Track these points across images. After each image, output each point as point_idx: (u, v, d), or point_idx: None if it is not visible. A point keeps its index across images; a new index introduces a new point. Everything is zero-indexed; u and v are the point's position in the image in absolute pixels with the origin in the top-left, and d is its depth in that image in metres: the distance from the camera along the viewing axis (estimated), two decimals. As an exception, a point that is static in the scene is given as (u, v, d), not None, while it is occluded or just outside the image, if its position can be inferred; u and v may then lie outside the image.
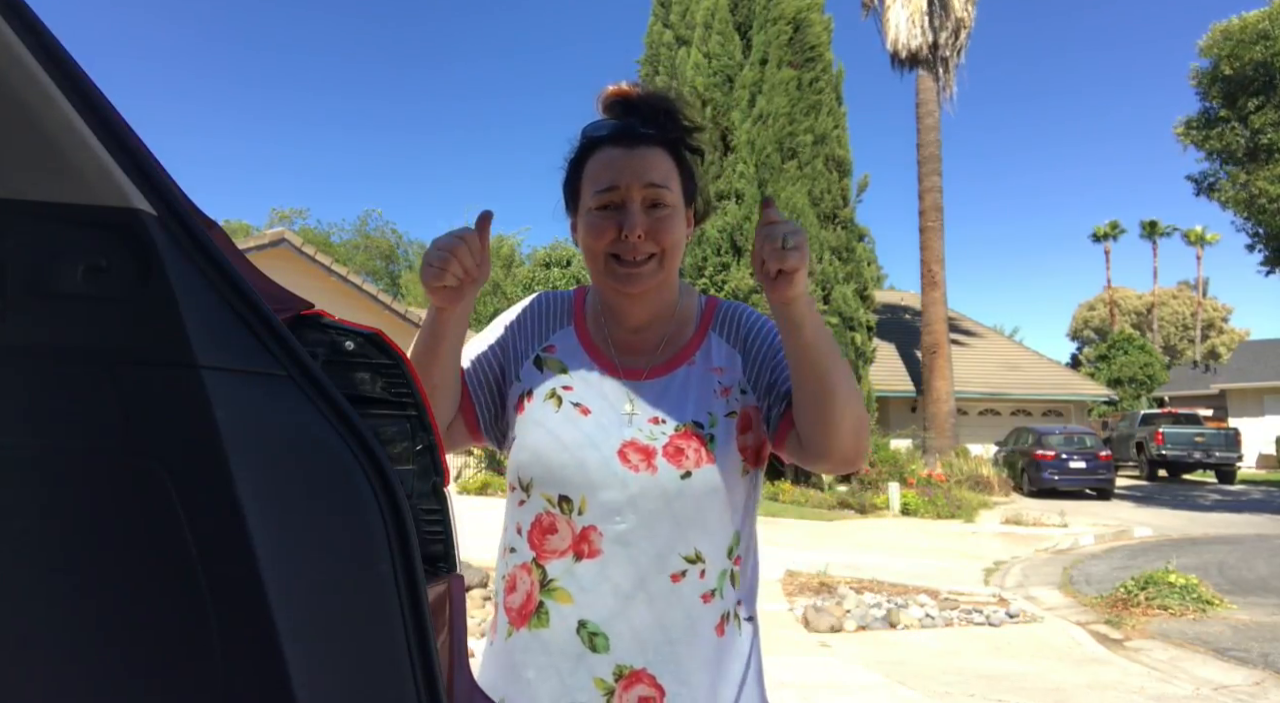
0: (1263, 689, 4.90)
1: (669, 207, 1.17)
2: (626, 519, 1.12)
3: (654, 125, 1.19)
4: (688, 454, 1.15)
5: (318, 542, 0.55)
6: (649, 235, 1.15)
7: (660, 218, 1.16)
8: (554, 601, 1.13)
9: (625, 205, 1.15)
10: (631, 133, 1.18)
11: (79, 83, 0.48)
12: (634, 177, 1.15)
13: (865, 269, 16.58)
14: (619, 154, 1.16)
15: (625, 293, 1.19)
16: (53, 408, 0.52)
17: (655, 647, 1.10)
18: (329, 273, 15.33)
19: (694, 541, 1.13)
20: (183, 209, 0.52)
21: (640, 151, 1.16)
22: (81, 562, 0.53)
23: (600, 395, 1.20)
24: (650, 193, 1.15)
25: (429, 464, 0.72)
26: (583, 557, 1.12)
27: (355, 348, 0.69)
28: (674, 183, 1.19)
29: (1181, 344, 49.31)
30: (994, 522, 13.00)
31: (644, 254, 1.16)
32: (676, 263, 1.21)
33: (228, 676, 0.51)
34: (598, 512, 1.13)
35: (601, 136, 1.19)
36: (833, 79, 16.25)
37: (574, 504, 1.14)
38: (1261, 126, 15.39)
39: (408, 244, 41.93)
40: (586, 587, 1.12)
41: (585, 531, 1.13)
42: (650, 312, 1.24)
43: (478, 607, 6.23)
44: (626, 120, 1.20)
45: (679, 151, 1.22)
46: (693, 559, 1.13)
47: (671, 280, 1.23)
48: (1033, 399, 25.02)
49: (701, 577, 1.13)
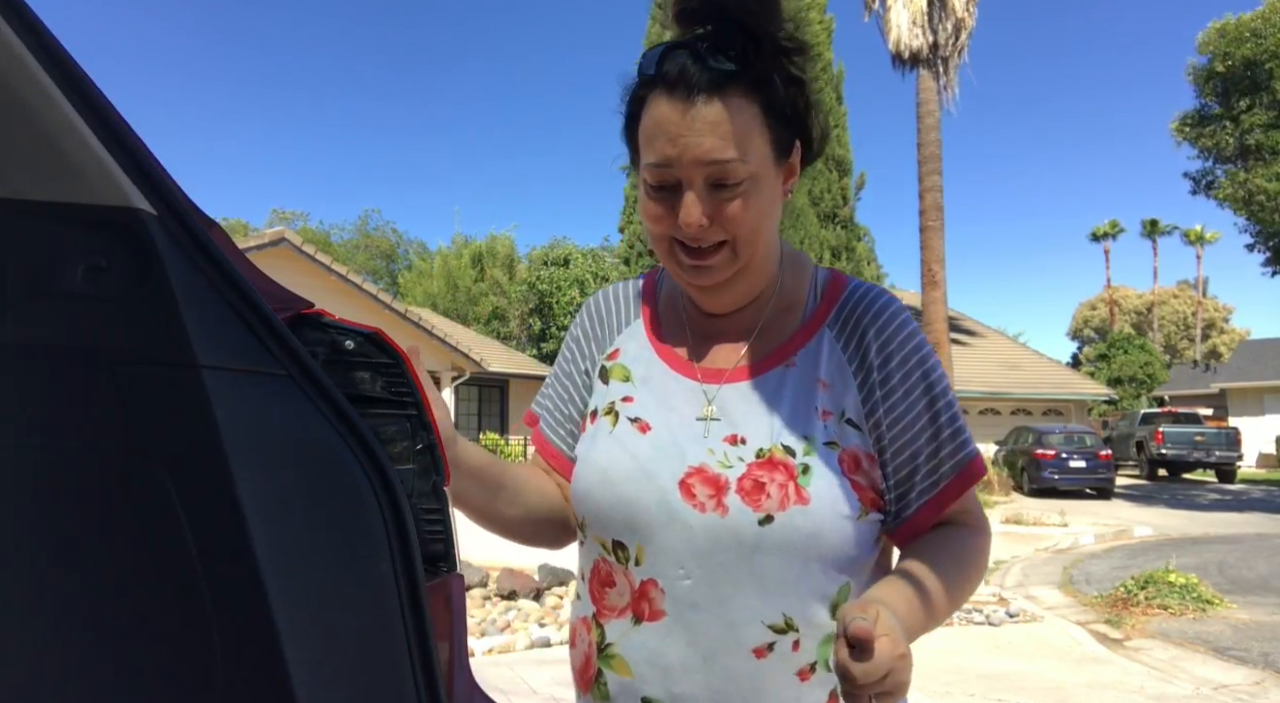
0: (1263, 689, 4.90)
1: (742, 182, 0.87)
2: (692, 574, 0.89)
3: (730, 52, 0.86)
4: (769, 492, 0.88)
5: (318, 542, 0.55)
6: (715, 221, 0.89)
7: (727, 200, 0.88)
8: (612, 671, 0.93)
9: (681, 186, 0.89)
10: (690, 81, 0.86)
11: (79, 82, 0.48)
12: (691, 150, 0.86)
13: (865, 268, 16.59)
14: (674, 115, 0.86)
15: (695, 286, 0.96)
16: (53, 408, 0.52)
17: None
18: (329, 272, 15.34)
19: (783, 603, 0.88)
20: (183, 209, 0.52)
21: (702, 111, 0.85)
22: (81, 562, 0.52)
23: (666, 405, 0.97)
24: (714, 170, 0.87)
25: (429, 464, 0.72)
26: (643, 619, 0.91)
27: (355, 347, 0.69)
28: (753, 143, 0.87)
29: (1182, 344, 49.32)
30: (994, 521, 12.98)
31: (710, 242, 0.90)
32: (760, 245, 0.93)
33: (227, 676, 0.51)
34: (658, 562, 0.90)
35: (653, 75, 0.89)
36: (833, 79, 16.27)
37: (630, 553, 0.92)
38: (1250, 127, 15.41)
39: (408, 244, 41.98)
40: (648, 658, 0.90)
41: (644, 585, 0.91)
42: (733, 300, 0.98)
43: (478, 607, 6.24)
44: (693, 48, 0.87)
45: (768, 88, 0.88)
46: (781, 629, 0.88)
47: (757, 264, 0.95)
48: (1033, 399, 25.02)
49: (795, 649, 0.88)
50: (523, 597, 6.45)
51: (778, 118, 0.90)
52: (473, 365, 18.26)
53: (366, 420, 0.61)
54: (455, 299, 30.08)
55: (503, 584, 6.52)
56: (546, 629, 5.64)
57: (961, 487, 0.95)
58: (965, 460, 0.95)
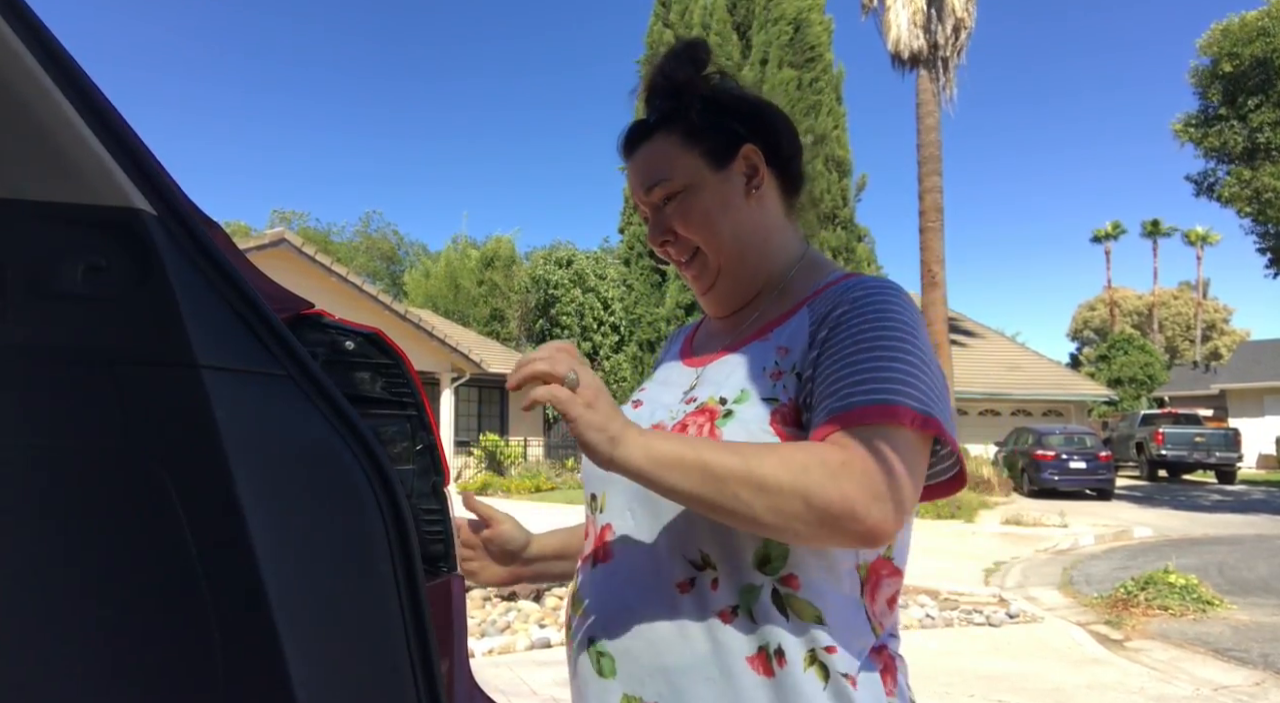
0: (1263, 690, 4.90)
1: (675, 195, 1.02)
2: (636, 515, 0.95)
3: (653, 110, 1.06)
4: (689, 433, 0.94)
5: (317, 542, 0.55)
6: (675, 233, 1.04)
7: (675, 211, 1.03)
8: (575, 612, 0.99)
9: (649, 217, 1.07)
10: (630, 137, 1.07)
11: (79, 82, 0.48)
12: (637, 187, 1.06)
13: (865, 269, 16.58)
14: (628, 167, 1.08)
15: (698, 293, 1.10)
16: (53, 408, 0.52)
17: (665, 677, 0.90)
18: (329, 273, 15.33)
19: (700, 540, 0.90)
20: (183, 209, 0.52)
21: (636, 156, 1.06)
22: (81, 562, 0.52)
23: (665, 386, 1.09)
24: (654, 196, 1.04)
25: (429, 464, 0.72)
26: (599, 561, 0.98)
27: (355, 348, 0.69)
28: (678, 162, 1.02)
29: (1183, 345, 49.34)
30: (994, 522, 12.99)
31: (684, 254, 1.05)
32: (725, 243, 1.03)
33: (228, 675, 0.51)
34: (612, 508, 0.98)
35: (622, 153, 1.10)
36: (832, 79, 16.26)
37: (598, 501, 1.01)
38: (1260, 125, 15.42)
39: (408, 245, 41.99)
40: (596, 597, 0.96)
41: (603, 530, 0.99)
42: (729, 300, 1.08)
43: (478, 607, 6.24)
44: (635, 122, 1.08)
45: (683, 119, 1.03)
46: (699, 564, 0.90)
47: (738, 263, 1.04)
48: (1033, 399, 25.02)
49: (714, 588, 0.89)
50: (523, 598, 6.45)
51: (701, 135, 1.03)
52: (472, 366, 18.26)
53: (366, 421, 0.61)
54: (457, 300, 30.10)
55: (503, 585, 6.52)
56: (547, 630, 5.64)
57: (851, 420, 0.84)
58: (870, 401, 0.84)
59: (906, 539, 0.98)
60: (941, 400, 0.87)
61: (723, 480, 0.80)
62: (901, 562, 0.97)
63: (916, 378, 0.86)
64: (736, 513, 0.81)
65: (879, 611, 0.93)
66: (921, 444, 0.85)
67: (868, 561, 0.92)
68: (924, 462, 0.86)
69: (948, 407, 0.88)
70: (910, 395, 0.84)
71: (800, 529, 0.81)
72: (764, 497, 0.80)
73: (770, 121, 1.07)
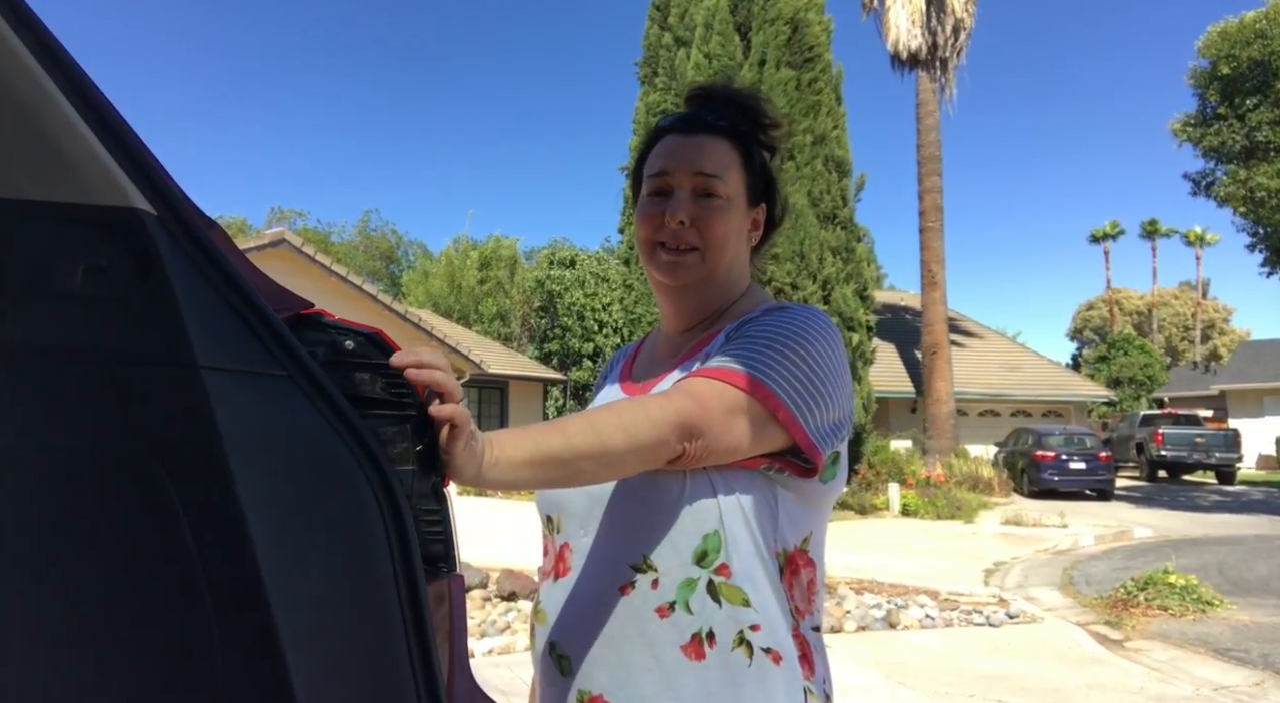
0: (1263, 690, 4.90)
1: (720, 199, 1.08)
2: (589, 531, 1.05)
3: (724, 116, 1.12)
4: None
5: (317, 542, 0.55)
6: (694, 224, 1.07)
7: (707, 208, 1.07)
8: (539, 623, 1.09)
9: (673, 192, 1.08)
10: (694, 121, 1.12)
11: (79, 83, 0.48)
12: (685, 162, 1.08)
13: (865, 269, 16.56)
14: (677, 141, 1.11)
15: (666, 284, 1.11)
16: (53, 408, 0.52)
17: (610, 671, 0.99)
18: (329, 273, 15.34)
19: (643, 546, 0.99)
20: (183, 209, 0.52)
21: (699, 139, 1.10)
22: (81, 562, 0.52)
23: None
24: (701, 182, 1.07)
25: (429, 464, 0.72)
26: (559, 576, 1.08)
27: (355, 348, 0.69)
28: (732, 175, 1.09)
29: (1183, 346, 49.34)
30: (994, 522, 12.99)
31: (686, 244, 1.08)
32: (722, 261, 1.10)
33: (227, 675, 0.51)
34: (567, 527, 1.08)
35: (666, 126, 1.14)
36: (832, 79, 16.24)
37: (555, 523, 1.11)
38: (1258, 124, 15.44)
39: (408, 245, 41.97)
40: (556, 605, 1.06)
41: (562, 548, 1.09)
42: (692, 312, 1.13)
43: (478, 607, 6.24)
44: (697, 111, 1.14)
45: (748, 145, 1.13)
46: (641, 568, 0.99)
47: (716, 281, 1.11)
48: (1033, 400, 25.02)
49: (655, 588, 0.98)
50: (523, 598, 6.45)
51: (752, 170, 1.13)
52: (472, 367, 18.26)
53: (366, 421, 0.61)
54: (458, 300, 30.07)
55: (503, 585, 6.52)
56: (546, 630, 5.63)
57: (695, 374, 0.98)
58: (718, 366, 0.97)
59: (821, 536, 1.08)
60: (804, 389, 0.97)
61: (567, 463, 0.87)
62: (817, 555, 1.07)
63: (779, 362, 0.97)
64: (582, 480, 0.91)
65: (797, 597, 1.03)
66: (749, 404, 0.94)
67: (786, 549, 1.03)
68: (746, 419, 0.95)
69: (820, 400, 0.98)
70: (756, 368, 0.96)
71: (629, 470, 0.94)
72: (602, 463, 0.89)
73: (779, 194, 1.19)
